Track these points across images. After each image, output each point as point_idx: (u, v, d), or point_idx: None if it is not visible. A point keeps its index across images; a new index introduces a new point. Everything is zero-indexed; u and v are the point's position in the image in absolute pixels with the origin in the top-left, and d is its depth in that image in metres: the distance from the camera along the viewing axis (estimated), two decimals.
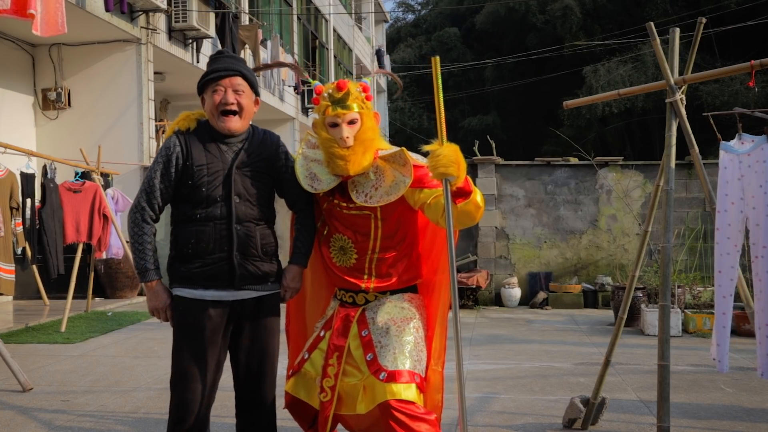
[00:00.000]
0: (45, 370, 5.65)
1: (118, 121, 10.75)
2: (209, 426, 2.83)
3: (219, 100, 2.68)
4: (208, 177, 2.67)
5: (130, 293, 10.13)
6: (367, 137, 2.72)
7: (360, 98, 2.73)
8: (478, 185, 9.89)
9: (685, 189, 9.76)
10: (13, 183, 6.66)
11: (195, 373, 2.66)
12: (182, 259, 2.71)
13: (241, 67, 2.73)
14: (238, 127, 2.73)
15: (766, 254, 3.31)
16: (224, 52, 2.84)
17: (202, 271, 2.67)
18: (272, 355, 2.81)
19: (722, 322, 3.45)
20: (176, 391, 2.68)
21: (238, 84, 2.71)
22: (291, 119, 18.04)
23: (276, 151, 2.83)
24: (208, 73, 2.73)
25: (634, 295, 6.84)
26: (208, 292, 2.68)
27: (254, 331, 2.78)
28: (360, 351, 2.77)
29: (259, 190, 2.75)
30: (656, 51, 3.55)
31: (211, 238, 2.67)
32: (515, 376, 5.39)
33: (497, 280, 9.95)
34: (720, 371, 3.46)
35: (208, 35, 12.12)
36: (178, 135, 2.74)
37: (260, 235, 2.75)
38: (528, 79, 27.90)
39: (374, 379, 2.67)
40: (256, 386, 2.78)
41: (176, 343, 2.72)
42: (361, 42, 27.10)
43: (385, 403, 2.62)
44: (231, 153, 2.73)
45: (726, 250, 3.43)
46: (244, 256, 2.70)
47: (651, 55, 21.75)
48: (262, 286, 2.76)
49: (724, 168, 3.47)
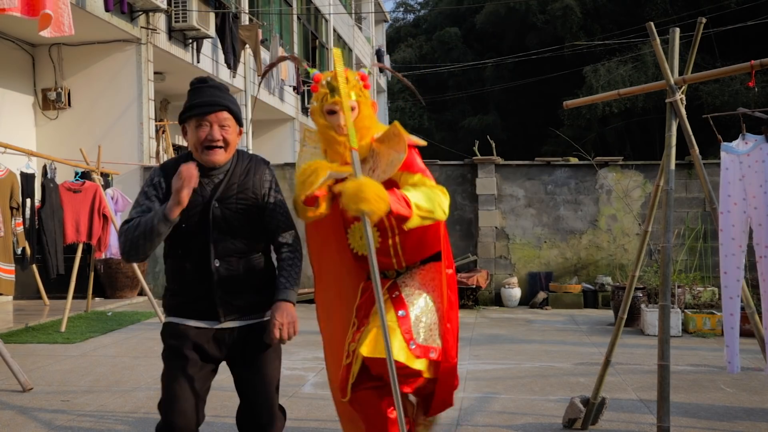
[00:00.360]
0: (45, 370, 5.65)
1: (118, 121, 10.75)
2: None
3: (204, 137, 2.58)
4: (187, 212, 2.55)
5: (130, 293, 10.13)
6: (364, 125, 2.73)
7: (358, 86, 2.74)
8: (478, 185, 9.90)
9: (685, 189, 9.76)
10: (13, 183, 6.66)
11: (180, 394, 2.59)
12: (171, 292, 2.70)
13: (227, 101, 2.63)
14: (222, 159, 2.63)
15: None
16: (208, 81, 2.70)
17: (186, 305, 2.64)
18: (270, 380, 2.71)
19: (730, 323, 3.45)
20: (162, 412, 2.63)
21: (225, 119, 2.61)
22: (291, 119, 18.03)
23: (261, 179, 2.70)
24: (192, 106, 2.61)
25: (634, 295, 6.84)
26: (192, 321, 2.64)
27: (248, 359, 2.69)
28: (391, 308, 2.80)
29: (242, 223, 2.63)
30: (656, 51, 3.55)
31: (190, 275, 2.60)
32: (515, 376, 5.39)
33: (497, 280, 9.95)
34: (730, 372, 3.45)
35: (208, 35, 12.12)
36: (161, 168, 2.70)
37: (246, 269, 2.64)
38: (528, 79, 27.89)
39: (401, 336, 2.70)
40: (257, 413, 2.70)
41: (164, 365, 2.68)
42: (361, 42, 27.10)
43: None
44: (211, 185, 2.63)
45: (731, 251, 3.42)
46: (227, 291, 2.61)
47: (651, 55, 21.75)
48: (251, 316, 2.67)
49: (726, 169, 3.47)
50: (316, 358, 6.06)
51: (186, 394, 2.60)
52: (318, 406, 4.57)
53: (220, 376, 2.82)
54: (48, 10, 5.62)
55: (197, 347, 2.64)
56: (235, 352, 2.69)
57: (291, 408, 4.52)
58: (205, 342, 2.65)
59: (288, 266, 2.68)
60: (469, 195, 10.04)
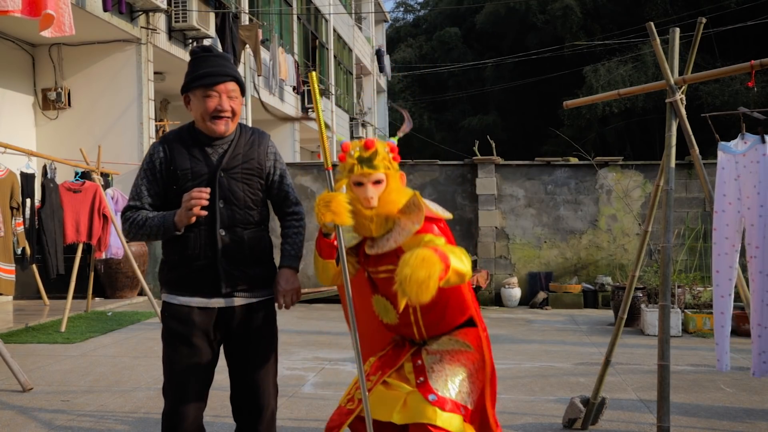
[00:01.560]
0: (45, 370, 5.65)
1: (118, 121, 10.75)
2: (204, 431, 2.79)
3: (214, 107, 2.59)
4: (193, 182, 2.59)
5: (130, 293, 10.13)
6: (391, 198, 2.61)
7: (387, 158, 2.64)
8: (478, 185, 9.90)
9: (685, 189, 9.76)
10: (13, 183, 6.66)
11: (184, 380, 2.60)
12: (170, 265, 2.67)
13: (234, 71, 2.65)
14: (229, 130, 2.65)
15: (758, 254, 3.32)
16: (212, 49, 2.70)
17: (188, 278, 2.62)
18: (267, 362, 2.72)
19: (720, 321, 3.46)
20: (167, 398, 2.64)
21: (232, 89, 2.63)
22: (291, 119, 18.03)
23: (265, 151, 2.73)
24: (201, 75, 2.60)
25: (634, 295, 6.84)
26: (194, 299, 2.62)
27: (246, 338, 2.69)
28: (412, 376, 2.68)
29: (247, 193, 2.65)
30: (656, 51, 3.55)
31: (196, 244, 2.59)
32: (515, 376, 5.39)
33: (497, 280, 9.95)
34: (719, 370, 3.46)
35: (208, 35, 12.12)
36: (161, 141, 2.69)
37: (249, 240, 2.66)
38: (528, 79, 27.90)
39: (422, 397, 2.56)
40: (251, 395, 2.71)
41: (164, 349, 2.67)
42: (361, 42, 27.09)
43: (424, 426, 2.52)
44: (216, 155, 2.64)
45: (724, 250, 3.43)
46: (231, 262, 2.61)
47: (651, 55, 21.75)
48: (252, 293, 2.67)
49: (722, 168, 3.47)
50: (316, 358, 6.06)
51: (190, 380, 2.61)
52: (318, 406, 4.57)
53: (220, 376, 2.83)
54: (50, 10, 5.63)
55: (201, 332, 2.63)
56: (236, 331, 2.69)
57: (291, 408, 4.53)
58: (209, 325, 2.64)
59: (293, 234, 2.76)
60: (469, 195, 10.04)
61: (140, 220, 2.61)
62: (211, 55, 2.66)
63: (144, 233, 2.60)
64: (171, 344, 2.65)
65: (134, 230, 2.62)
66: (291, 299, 2.68)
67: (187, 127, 2.73)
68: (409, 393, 2.60)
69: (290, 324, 7.87)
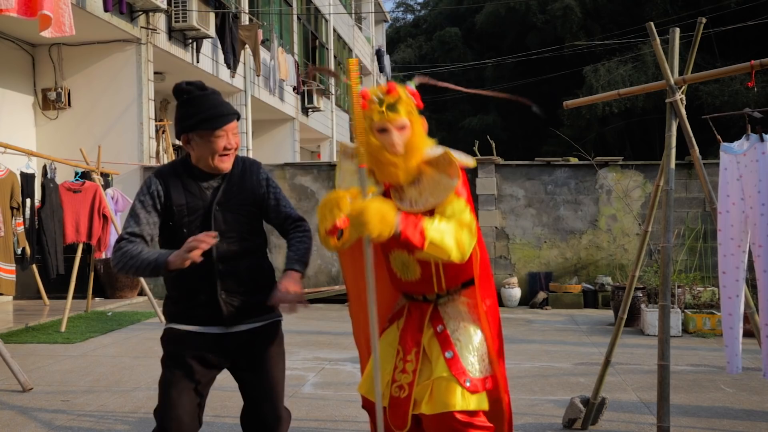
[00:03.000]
0: (45, 370, 5.65)
1: (118, 121, 10.75)
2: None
3: (223, 146, 2.58)
4: (188, 217, 2.59)
5: (130, 293, 10.13)
6: (417, 144, 2.58)
7: (410, 103, 2.60)
8: (477, 185, 9.90)
9: (685, 189, 9.76)
10: (13, 183, 6.66)
11: (176, 401, 2.58)
12: (172, 299, 2.68)
13: (233, 107, 2.66)
14: (230, 166, 2.65)
15: (762, 253, 3.32)
16: (205, 87, 2.65)
17: (190, 312, 2.63)
18: (277, 382, 2.71)
19: (729, 323, 3.45)
20: (158, 419, 2.62)
21: (235, 126, 2.64)
22: (291, 119, 18.03)
23: (257, 180, 2.72)
24: (209, 117, 2.56)
25: (634, 295, 6.84)
26: (195, 327, 2.63)
27: (253, 362, 2.68)
28: (436, 347, 2.66)
29: (242, 224, 2.65)
30: (656, 51, 3.55)
31: (194, 279, 2.58)
32: (515, 376, 5.38)
33: (497, 280, 9.94)
34: (730, 372, 3.45)
35: (208, 35, 12.12)
36: (156, 175, 2.67)
37: (247, 269, 2.65)
38: (528, 79, 27.90)
39: (454, 381, 2.57)
40: (264, 415, 2.69)
41: (162, 371, 2.67)
42: (361, 42, 27.10)
43: (449, 414, 2.54)
44: (211, 189, 2.64)
45: (730, 251, 3.42)
46: (231, 293, 2.61)
47: (651, 55, 21.75)
48: (255, 319, 2.66)
49: (725, 169, 3.47)
50: (316, 358, 6.06)
51: (182, 401, 2.59)
52: (318, 406, 4.57)
53: (220, 376, 2.82)
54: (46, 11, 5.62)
55: (198, 355, 2.62)
56: (240, 356, 2.68)
57: (291, 408, 4.51)
58: (206, 349, 2.63)
59: (297, 241, 2.72)
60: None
61: (134, 251, 2.52)
62: (208, 93, 2.62)
63: (133, 265, 2.50)
64: (167, 366, 2.65)
65: (125, 260, 2.51)
66: (290, 300, 2.57)
67: (180, 162, 2.71)
68: (435, 380, 2.59)
69: (290, 324, 7.86)
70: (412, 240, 2.42)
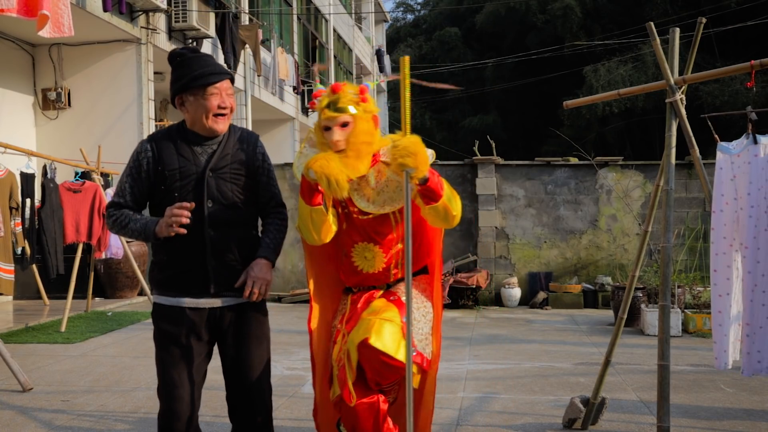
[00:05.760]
0: (45, 370, 5.65)
1: (118, 121, 10.75)
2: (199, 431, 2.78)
3: (217, 104, 2.59)
4: (181, 181, 2.59)
5: (130, 293, 10.13)
6: (359, 140, 2.64)
7: (354, 101, 2.66)
8: (478, 185, 9.90)
9: (685, 189, 9.76)
10: (13, 183, 6.66)
11: (177, 381, 2.60)
12: (159, 266, 2.67)
13: (227, 68, 2.71)
14: (225, 127, 2.66)
15: (747, 254, 3.35)
16: (198, 50, 2.71)
17: (177, 278, 2.62)
18: (260, 362, 2.72)
19: (718, 320, 3.48)
20: (162, 399, 2.64)
21: (229, 86, 2.66)
22: (291, 119, 18.03)
23: (254, 152, 2.72)
24: (202, 75, 2.59)
25: (634, 295, 6.84)
26: (184, 299, 2.62)
27: (238, 338, 2.68)
28: (393, 308, 2.78)
29: (235, 193, 2.64)
30: (656, 51, 3.55)
31: (184, 244, 2.58)
32: (515, 376, 5.38)
33: (497, 280, 9.95)
34: (717, 368, 3.47)
35: (208, 35, 12.12)
36: (149, 140, 2.68)
37: (238, 239, 2.65)
38: (528, 78, 27.89)
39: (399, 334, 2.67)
40: (246, 395, 2.70)
41: (156, 351, 2.67)
42: (361, 42, 27.09)
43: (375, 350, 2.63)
44: (205, 155, 2.64)
45: (722, 250, 3.45)
46: (220, 262, 2.61)
47: (651, 55, 21.74)
48: (241, 294, 2.64)
49: (720, 169, 3.50)
50: None
51: (183, 380, 2.61)
52: None
53: (219, 376, 2.82)
54: (45, 10, 5.61)
55: (192, 332, 2.63)
56: (228, 332, 2.69)
57: (291, 408, 4.53)
58: (199, 326, 2.64)
59: (274, 229, 2.75)
60: (469, 195, 10.03)
61: (122, 220, 2.64)
62: (201, 55, 2.67)
63: (125, 233, 2.65)
64: (162, 345, 2.65)
65: (117, 228, 2.66)
66: (260, 288, 2.62)
67: (176, 127, 2.72)
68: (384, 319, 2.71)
69: (290, 324, 7.87)
70: (435, 188, 2.59)
